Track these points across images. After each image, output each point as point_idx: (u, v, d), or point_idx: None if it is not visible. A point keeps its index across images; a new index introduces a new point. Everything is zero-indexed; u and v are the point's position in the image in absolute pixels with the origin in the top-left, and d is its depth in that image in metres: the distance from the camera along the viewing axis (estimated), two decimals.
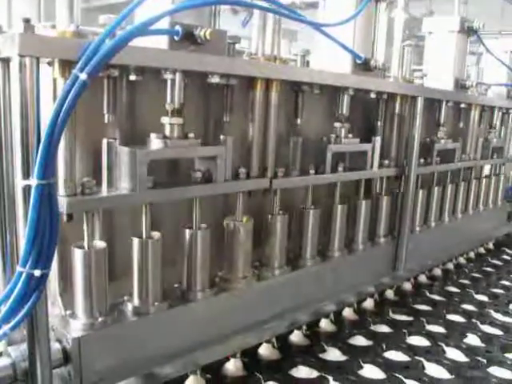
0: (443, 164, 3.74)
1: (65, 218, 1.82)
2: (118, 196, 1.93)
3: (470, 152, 4.16)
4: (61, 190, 1.78)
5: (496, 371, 2.64)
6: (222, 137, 2.24)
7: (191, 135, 2.10)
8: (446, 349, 2.85)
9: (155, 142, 2.02)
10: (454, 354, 2.80)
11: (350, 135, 2.89)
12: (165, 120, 2.06)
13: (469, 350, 2.84)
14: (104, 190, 1.95)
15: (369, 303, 3.33)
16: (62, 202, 1.75)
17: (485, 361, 2.73)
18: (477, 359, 2.75)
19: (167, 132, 2.06)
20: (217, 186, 2.22)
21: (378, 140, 3.07)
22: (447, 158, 3.79)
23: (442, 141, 3.69)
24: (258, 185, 2.43)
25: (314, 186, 2.78)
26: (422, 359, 2.70)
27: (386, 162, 3.21)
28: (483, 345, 2.93)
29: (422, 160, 3.47)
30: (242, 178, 2.32)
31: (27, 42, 1.53)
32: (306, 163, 2.68)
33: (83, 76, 1.57)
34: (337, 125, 2.85)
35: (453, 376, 2.57)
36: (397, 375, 2.53)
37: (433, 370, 2.61)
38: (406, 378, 2.51)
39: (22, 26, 1.52)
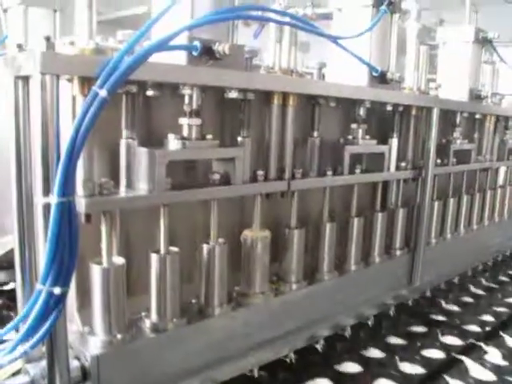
0: (459, 165, 3.71)
1: (83, 218, 1.80)
2: (136, 197, 1.92)
3: (486, 153, 4.13)
4: (79, 191, 1.76)
5: None
6: (239, 139, 2.21)
7: (209, 136, 2.09)
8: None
9: (173, 143, 2.00)
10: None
11: (367, 137, 2.88)
12: (183, 121, 2.05)
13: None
14: (122, 191, 1.94)
15: (385, 316, 3.30)
16: (81, 203, 1.74)
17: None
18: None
19: (185, 133, 2.05)
20: (235, 188, 2.20)
21: (394, 142, 3.05)
22: (463, 160, 3.76)
23: (458, 141, 3.66)
24: (275, 187, 2.41)
25: (330, 196, 2.76)
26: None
27: (403, 164, 3.19)
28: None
29: (438, 161, 3.43)
30: (260, 180, 2.31)
31: (48, 60, 1.53)
32: (323, 165, 2.67)
33: (103, 93, 1.57)
34: (354, 126, 2.83)
35: None
36: None
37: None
38: None
39: (44, 45, 1.52)
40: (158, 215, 2.03)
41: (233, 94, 2.07)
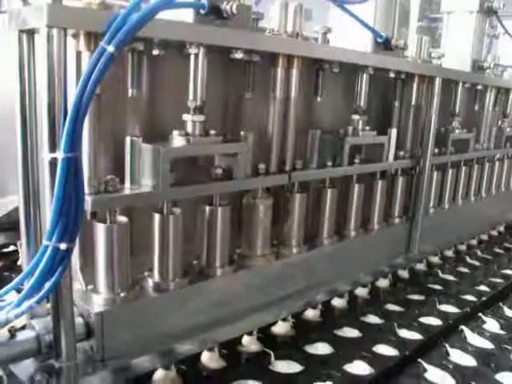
0: (457, 154, 3.73)
1: (89, 215, 1.83)
2: (141, 194, 1.93)
3: (484, 141, 4.14)
4: (85, 189, 1.76)
5: None
6: (242, 133, 2.22)
7: (212, 132, 2.10)
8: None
9: (177, 139, 2.02)
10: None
11: (367, 127, 2.88)
12: (187, 117, 2.05)
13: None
14: (127, 187, 1.95)
15: (383, 283, 3.35)
16: (87, 201, 1.75)
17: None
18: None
19: (189, 129, 2.05)
20: (237, 183, 2.22)
21: (393, 132, 3.05)
22: (461, 148, 3.77)
23: (457, 131, 3.67)
24: (276, 181, 2.44)
25: None
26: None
27: (402, 153, 3.20)
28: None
29: (436, 150, 3.44)
30: (262, 173, 2.33)
31: (55, 12, 1.51)
32: (323, 153, 2.68)
33: (110, 48, 1.56)
34: (355, 117, 2.83)
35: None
36: None
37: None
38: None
39: None
40: None
41: (239, 55, 2.06)
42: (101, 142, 1.88)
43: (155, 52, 1.98)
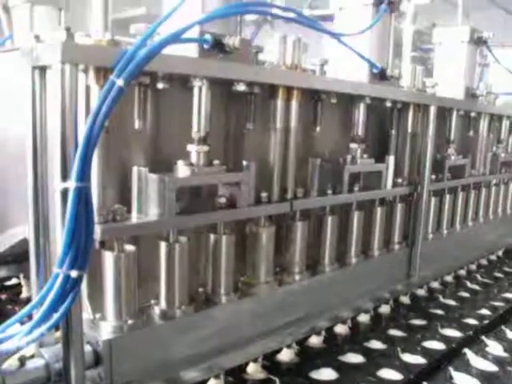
0: (454, 180, 3.81)
1: (97, 244, 1.88)
2: (148, 222, 1.98)
3: (480, 167, 4.23)
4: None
5: None
6: (244, 163, 2.28)
7: (216, 162, 2.16)
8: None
9: (182, 169, 2.08)
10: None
11: (365, 155, 2.95)
12: (191, 148, 2.12)
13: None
14: (134, 217, 2.00)
15: (384, 309, 3.37)
16: (96, 230, 1.78)
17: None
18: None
19: (193, 159, 2.12)
20: (241, 211, 2.27)
21: (391, 159, 3.13)
22: (457, 174, 3.85)
23: (453, 157, 3.75)
24: (279, 209, 2.49)
25: None
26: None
27: (399, 180, 3.27)
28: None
29: (433, 176, 3.52)
30: (264, 201, 2.39)
31: (69, 49, 1.59)
32: (323, 181, 2.74)
33: (120, 82, 1.63)
34: (353, 146, 2.91)
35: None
36: None
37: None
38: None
39: (65, 34, 1.58)
40: None
41: (241, 87, 2.13)
42: (108, 173, 1.94)
43: (160, 86, 2.06)
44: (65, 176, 1.67)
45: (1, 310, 3.18)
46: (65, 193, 1.65)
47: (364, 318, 3.20)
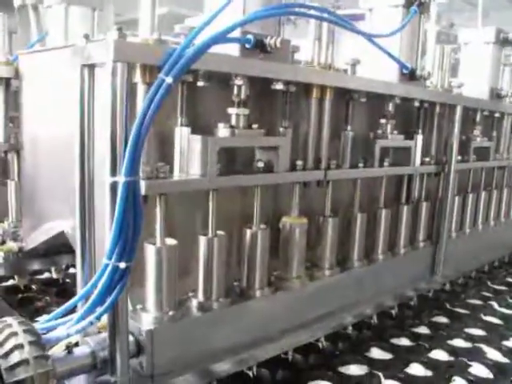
0: (479, 161, 3.85)
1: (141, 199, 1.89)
2: (191, 180, 2.03)
3: (504, 152, 4.27)
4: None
5: None
6: (281, 129, 2.33)
7: (255, 126, 2.21)
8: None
9: (223, 131, 2.13)
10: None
11: (395, 132, 3.00)
12: (232, 110, 2.17)
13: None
14: (176, 175, 2.05)
15: (409, 306, 3.41)
16: (140, 185, 1.80)
17: None
18: None
19: (233, 122, 2.17)
20: (278, 176, 2.32)
21: (419, 138, 3.19)
22: (482, 157, 3.89)
23: (478, 139, 3.79)
24: (314, 176, 2.54)
25: (360, 188, 2.88)
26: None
27: (427, 159, 3.33)
28: None
29: (458, 157, 3.55)
30: (299, 169, 2.43)
31: (121, 48, 1.65)
32: (355, 157, 2.79)
33: (169, 80, 1.69)
34: (383, 121, 2.95)
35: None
36: None
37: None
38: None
39: (116, 34, 1.64)
40: (205, 201, 2.15)
41: (279, 86, 2.19)
42: (153, 133, 1.95)
43: (200, 83, 2.11)
44: (114, 170, 1.73)
45: (33, 301, 3.26)
46: (114, 187, 1.72)
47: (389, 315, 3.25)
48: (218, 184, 2.11)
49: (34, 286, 3.46)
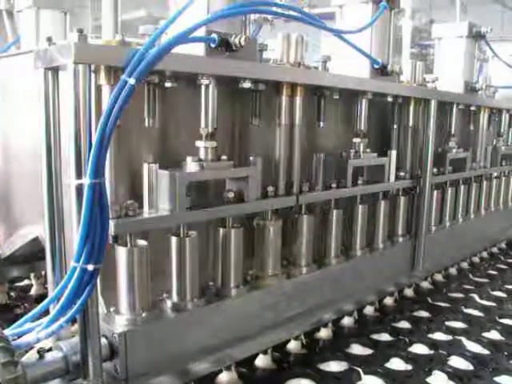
0: (455, 173, 3.86)
1: (111, 239, 1.92)
2: (160, 217, 2.03)
3: (480, 160, 4.28)
4: None
5: None
6: (251, 158, 2.33)
7: (224, 157, 2.22)
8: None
9: (191, 165, 2.13)
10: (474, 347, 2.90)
11: (368, 150, 3.01)
12: (200, 144, 2.18)
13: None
14: (146, 212, 2.05)
15: (389, 301, 3.42)
16: (109, 225, 1.83)
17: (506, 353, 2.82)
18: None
19: (202, 155, 2.18)
20: (249, 205, 2.33)
21: (393, 154, 3.19)
22: (459, 167, 3.90)
23: (454, 150, 3.81)
24: (285, 203, 2.54)
25: None
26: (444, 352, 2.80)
27: (402, 173, 3.33)
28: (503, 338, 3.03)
29: (435, 170, 3.57)
30: (271, 196, 2.44)
31: (81, 50, 1.65)
32: (328, 176, 2.78)
33: (132, 81, 1.69)
34: (356, 140, 2.97)
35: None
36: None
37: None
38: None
39: (77, 36, 1.63)
40: None
41: (247, 84, 2.19)
42: (120, 170, 1.99)
43: (168, 84, 2.11)
44: (79, 173, 1.72)
45: (12, 309, 3.23)
46: (80, 189, 1.71)
47: (368, 310, 3.26)
48: (188, 219, 2.13)
49: (12, 294, 3.43)
